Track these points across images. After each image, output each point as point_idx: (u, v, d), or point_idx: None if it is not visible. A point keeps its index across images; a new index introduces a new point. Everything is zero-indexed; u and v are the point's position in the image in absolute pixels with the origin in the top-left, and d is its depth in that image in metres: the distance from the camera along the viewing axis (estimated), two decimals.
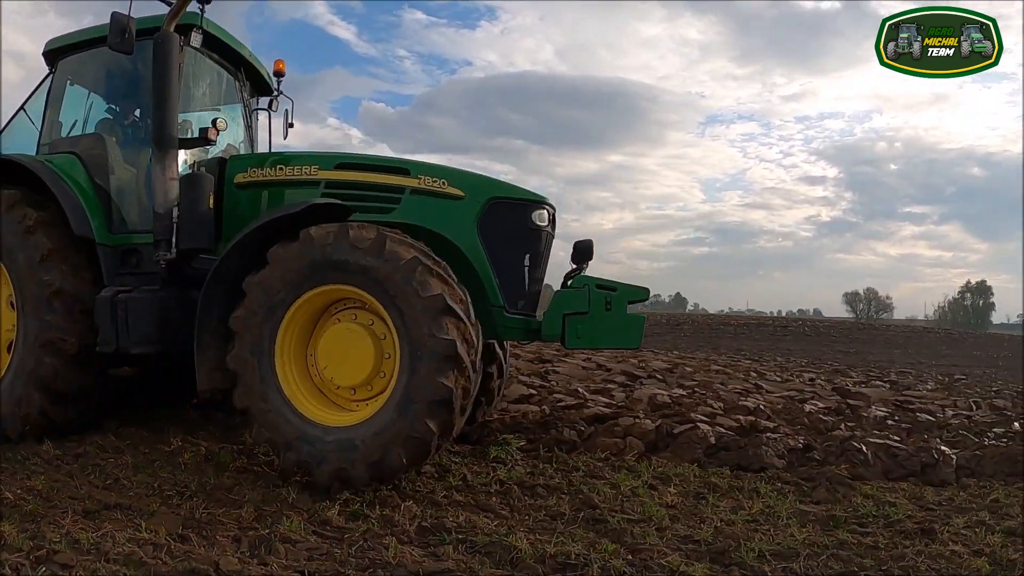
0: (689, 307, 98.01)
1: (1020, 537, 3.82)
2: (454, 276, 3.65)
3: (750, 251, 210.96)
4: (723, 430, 5.62)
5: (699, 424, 5.58)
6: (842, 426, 6.27)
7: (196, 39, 4.48)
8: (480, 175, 4.35)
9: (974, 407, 8.83)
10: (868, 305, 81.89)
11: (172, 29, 4.16)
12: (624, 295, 4.05)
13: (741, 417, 6.07)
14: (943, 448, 5.66)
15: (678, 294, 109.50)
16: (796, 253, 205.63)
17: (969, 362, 21.08)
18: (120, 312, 4.17)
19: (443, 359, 3.34)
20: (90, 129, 5.06)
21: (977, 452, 5.77)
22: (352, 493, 3.67)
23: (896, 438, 5.97)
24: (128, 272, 4.51)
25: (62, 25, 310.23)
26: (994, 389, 12.41)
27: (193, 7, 4.37)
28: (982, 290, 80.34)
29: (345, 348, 3.62)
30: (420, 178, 4.17)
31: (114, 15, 4.09)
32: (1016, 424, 7.32)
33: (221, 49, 5.10)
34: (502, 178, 4.76)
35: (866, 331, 31.99)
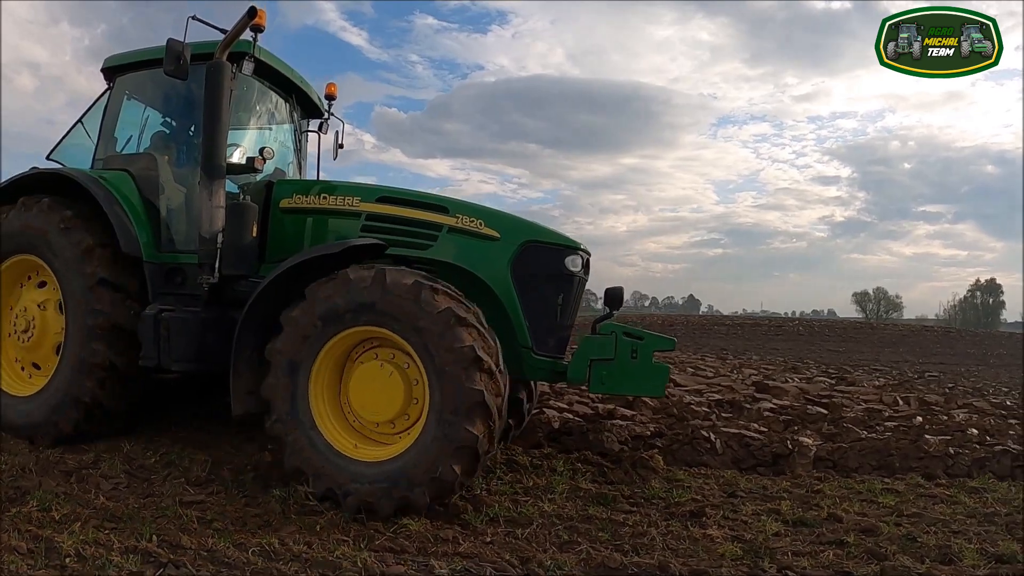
0: (703, 309, 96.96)
1: (808, 527, 3.72)
2: (486, 325, 3.66)
3: (764, 252, 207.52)
4: (573, 416, 5.49)
5: (545, 409, 5.46)
6: (713, 417, 6.08)
7: (248, 67, 4.50)
8: (517, 217, 4.39)
9: (900, 402, 8.54)
10: (878, 305, 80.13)
11: (225, 58, 4.20)
12: (650, 344, 4.07)
13: (600, 405, 5.92)
14: (803, 440, 5.47)
15: (691, 296, 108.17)
16: (811, 254, 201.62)
17: (958, 360, 20.47)
18: (163, 330, 4.24)
19: (471, 408, 3.38)
20: (145, 143, 5.15)
21: (843, 445, 5.56)
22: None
23: (764, 429, 5.79)
24: (172, 292, 4.56)
25: (77, 34, 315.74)
26: (949, 385, 12.01)
27: (246, 35, 4.36)
28: (992, 289, 78.10)
29: (375, 385, 3.66)
30: (458, 217, 4.21)
31: (169, 42, 4.13)
32: (918, 419, 7.06)
33: (273, 75, 5.11)
34: (516, 183, 4.70)
35: (863, 331, 31.18)
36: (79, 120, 5.33)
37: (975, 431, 6.63)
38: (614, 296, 4.56)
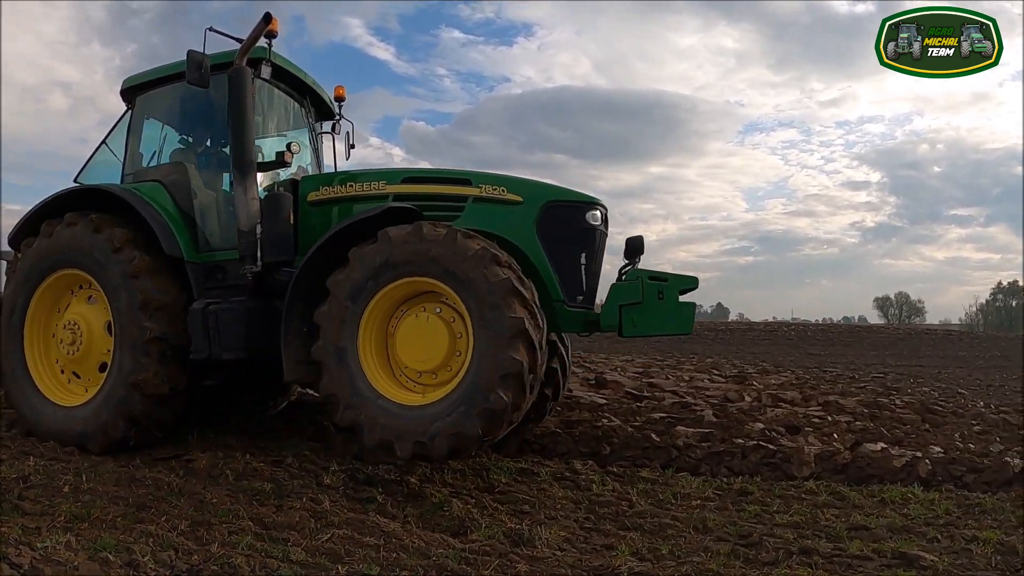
0: (733, 316, 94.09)
1: (460, 491, 4.07)
2: (519, 267, 3.90)
3: (795, 259, 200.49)
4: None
5: None
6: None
7: (266, 71, 4.80)
8: (536, 181, 4.67)
9: (745, 398, 8.24)
10: (900, 310, 76.79)
11: (244, 63, 4.52)
12: (675, 284, 4.31)
13: None
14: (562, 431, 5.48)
15: (719, 304, 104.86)
16: (842, 260, 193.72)
17: (941, 363, 19.33)
18: (211, 322, 4.42)
19: (513, 335, 3.55)
20: (165, 158, 5.39)
21: (559, 431, 5.55)
22: None
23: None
24: (215, 287, 4.76)
25: (107, 54, 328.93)
26: (860, 384, 11.47)
27: (262, 42, 4.68)
28: (1014, 291, 73.22)
29: (421, 336, 3.88)
30: (481, 187, 4.48)
31: (190, 53, 4.47)
32: (707, 411, 6.82)
33: (288, 78, 5.42)
34: None
35: (857, 334, 29.78)
36: (103, 141, 5.60)
37: (761, 425, 6.37)
38: (634, 245, 4.73)
